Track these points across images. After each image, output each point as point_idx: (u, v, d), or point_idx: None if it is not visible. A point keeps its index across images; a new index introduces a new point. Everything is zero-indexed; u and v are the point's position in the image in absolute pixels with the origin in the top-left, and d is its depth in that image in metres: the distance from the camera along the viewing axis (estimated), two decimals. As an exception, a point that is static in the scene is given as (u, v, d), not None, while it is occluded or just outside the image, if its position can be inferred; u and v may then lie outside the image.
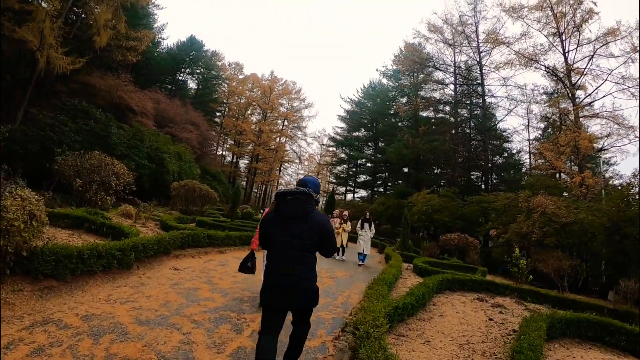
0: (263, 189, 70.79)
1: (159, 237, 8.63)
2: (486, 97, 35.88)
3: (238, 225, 17.58)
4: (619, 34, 27.24)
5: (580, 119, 28.71)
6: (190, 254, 9.95)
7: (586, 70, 28.93)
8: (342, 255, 14.46)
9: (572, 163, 26.73)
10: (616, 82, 27.54)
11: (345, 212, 14.90)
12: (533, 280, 14.19)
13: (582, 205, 20.70)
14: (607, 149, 26.89)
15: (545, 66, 31.04)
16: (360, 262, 14.16)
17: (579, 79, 29.49)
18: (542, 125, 39.91)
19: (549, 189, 22.84)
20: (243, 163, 67.56)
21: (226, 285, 7.63)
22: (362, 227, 14.86)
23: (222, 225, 15.98)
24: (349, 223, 14.69)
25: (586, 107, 29.23)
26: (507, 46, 32.19)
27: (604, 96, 28.96)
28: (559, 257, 16.32)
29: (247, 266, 5.57)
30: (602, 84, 28.39)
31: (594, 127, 29.36)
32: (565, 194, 24.30)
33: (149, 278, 7.25)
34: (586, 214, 18.71)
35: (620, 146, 26.70)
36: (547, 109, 37.00)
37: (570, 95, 29.55)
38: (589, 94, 29.32)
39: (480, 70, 35.90)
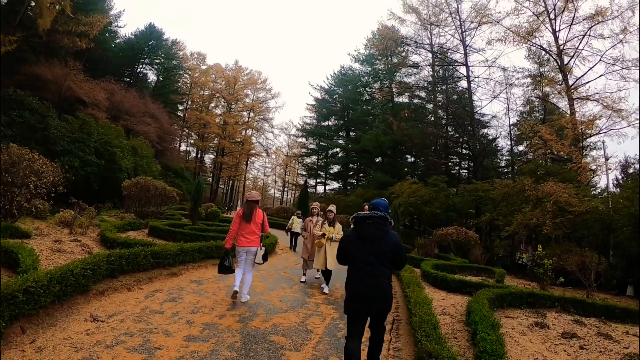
0: (230, 184, 67.55)
1: (65, 269, 5.39)
2: (470, 80, 33.36)
3: (201, 230, 14.58)
4: (609, 14, 25.52)
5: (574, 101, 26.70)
6: (126, 285, 6.77)
7: (577, 50, 27.22)
8: (327, 285, 8.65)
9: (572, 147, 24.55)
10: (612, 63, 25.86)
11: (331, 208, 9.07)
12: (555, 279, 11.76)
13: (587, 192, 18.70)
14: (606, 132, 24.80)
15: (539, 46, 29.06)
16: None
17: (570, 60, 27.65)
18: (527, 109, 38.32)
19: (552, 176, 20.57)
20: (209, 158, 65.21)
21: (175, 345, 4.51)
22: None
23: (179, 231, 12.98)
24: (338, 226, 8.99)
25: (578, 89, 27.20)
26: (497, 22, 29.76)
27: (595, 78, 27.55)
28: (581, 253, 13.97)
29: (224, 266, 6.50)
30: (595, 64, 26.65)
31: (587, 109, 27.44)
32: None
33: (40, 351, 4.06)
34: (598, 202, 17.16)
35: (618, 129, 24.66)
36: (531, 93, 35.43)
37: (562, 76, 27.43)
38: (582, 76, 27.40)
39: (465, 50, 33.43)
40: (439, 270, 11.67)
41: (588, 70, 26.77)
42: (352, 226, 4.10)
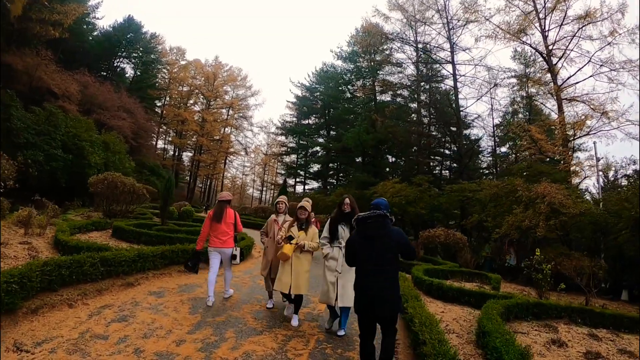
0: (208, 183, 66.03)
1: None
2: (457, 79, 32.64)
3: (170, 231, 13.24)
4: (599, 16, 25.17)
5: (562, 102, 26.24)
6: (68, 300, 5.50)
7: (567, 51, 26.77)
8: (296, 315, 6.02)
9: (562, 148, 23.97)
10: (600, 64, 25.56)
11: (304, 204, 6.25)
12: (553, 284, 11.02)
13: (579, 194, 18.13)
14: (595, 133, 24.24)
15: (528, 44, 28.41)
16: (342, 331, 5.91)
17: (559, 60, 27.25)
18: (511, 110, 38.15)
19: (544, 176, 19.83)
20: (187, 156, 63.59)
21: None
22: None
23: (145, 232, 11.71)
24: (313, 229, 6.09)
25: (566, 90, 26.74)
26: (487, 19, 29.08)
27: (584, 80, 27.19)
28: (580, 257, 13.24)
29: (188, 265, 6.76)
30: (584, 66, 26.23)
31: (575, 111, 26.91)
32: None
33: None
34: (591, 204, 17.01)
35: (608, 130, 24.15)
36: (517, 93, 35.32)
37: (551, 76, 26.91)
38: (570, 76, 27.03)
39: (451, 47, 32.69)
40: (430, 276, 10.76)
41: (577, 71, 26.44)
42: (354, 226, 4.20)
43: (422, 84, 37.72)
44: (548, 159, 26.10)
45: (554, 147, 24.18)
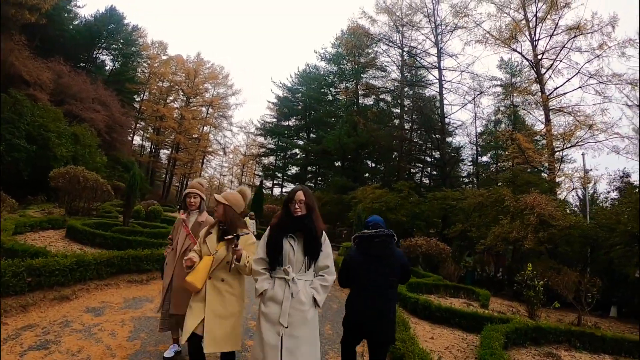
0: (185, 182, 64.31)
1: None
2: (442, 84, 32.10)
3: (130, 232, 11.98)
4: (589, 28, 24.87)
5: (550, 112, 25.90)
6: None
7: (555, 62, 26.48)
8: None
9: (550, 158, 23.50)
10: (589, 76, 25.29)
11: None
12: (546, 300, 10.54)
13: (567, 206, 17.62)
14: (582, 144, 23.77)
15: (518, 52, 27.99)
16: None
17: (547, 71, 27.01)
18: (495, 119, 37.71)
19: (532, 186, 19.24)
20: (164, 154, 62.05)
21: None
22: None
23: (100, 233, 10.42)
24: (249, 230, 3.67)
25: (553, 101, 26.42)
26: (478, 24, 28.59)
27: (571, 91, 26.72)
28: (571, 273, 12.51)
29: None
30: (572, 77, 25.97)
31: (562, 122, 26.57)
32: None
33: None
34: (580, 217, 17.04)
35: (594, 143, 23.79)
36: (502, 102, 34.89)
37: (539, 85, 26.49)
38: (558, 87, 26.87)
39: (438, 52, 32.09)
40: (413, 290, 9.91)
41: (565, 82, 26.15)
42: (353, 246, 3.90)
43: (406, 89, 36.84)
44: (534, 169, 25.61)
45: (541, 157, 23.70)
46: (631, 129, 24.15)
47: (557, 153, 24.42)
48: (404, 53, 35.83)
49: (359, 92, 41.29)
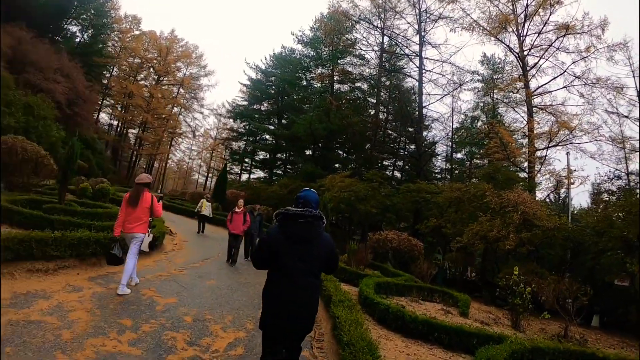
0: (150, 163, 62.04)
1: None
2: (422, 73, 30.74)
3: (61, 212, 10.42)
4: (579, 28, 24.02)
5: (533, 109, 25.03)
6: None
7: (541, 59, 25.63)
8: None
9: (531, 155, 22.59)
10: (574, 77, 24.66)
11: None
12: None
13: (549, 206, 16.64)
14: (565, 144, 22.85)
15: (505, 44, 26.80)
16: None
17: (531, 69, 26.05)
18: (472, 115, 37.34)
19: (511, 183, 18.17)
20: (133, 134, 59.50)
21: None
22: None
23: (17, 210, 8.91)
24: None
25: (536, 99, 25.66)
26: (465, 12, 27.43)
27: (555, 90, 25.87)
28: (558, 280, 11.43)
29: (112, 255, 6.10)
30: (557, 76, 25.20)
31: (541, 120, 25.95)
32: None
33: None
34: (565, 219, 15.62)
35: (579, 144, 23.05)
36: (481, 98, 34.37)
37: (524, 80, 25.44)
38: (543, 85, 26.00)
39: (420, 41, 30.72)
40: (381, 291, 8.58)
41: (551, 80, 25.29)
42: (274, 222, 3.35)
43: (384, 79, 35.34)
44: (513, 167, 24.69)
45: (521, 154, 22.80)
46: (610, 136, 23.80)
47: (538, 152, 23.43)
48: (385, 39, 34.46)
49: (335, 77, 39.61)
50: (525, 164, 24.06)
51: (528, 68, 25.92)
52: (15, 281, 5.58)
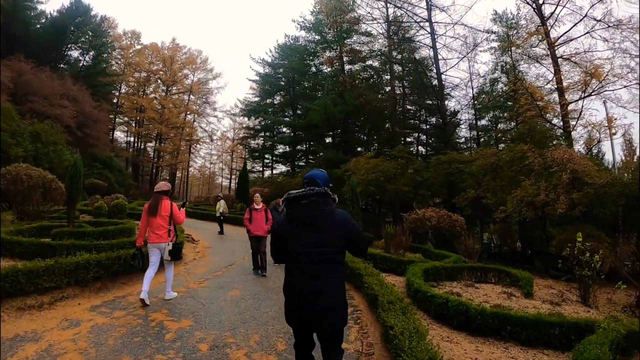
0: (172, 173, 62.01)
1: None
2: (435, 38, 28.96)
3: (68, 236, 9.47)
4: None
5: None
6: None
7: (558, 7, 23.29)
8: None
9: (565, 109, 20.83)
10: (596, 20, 22.19)
11: None
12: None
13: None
14: (601, 92, 20.93)
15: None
16: None
17: (549, 17, 23.78)
18: (489, 78, 34.91)
19: (549, 141, 16.72)
20: (151, 147, 59.84)
21: None
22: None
23: (17, 241, 8.00)
24: None
25: (560, 48, 23.63)
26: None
27: (577, 37, 23.42)
28: (622, 242, 10.05)
29: (133, 267, 6.46)
30: (577, 22, 22.80)
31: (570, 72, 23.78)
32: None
33: None
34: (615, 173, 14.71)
35: (613, 91, 20.95)
36: (499, 58, 32.39)
37: (543, 29, 23.53)
38: (564, 33, 23.69)
39: (428, 5, 28.67)
40: (430, 279, 7.49)
41: (572, 27, 23.05)
42: (283, 209, 3.41)
43: (395, 54, 33.88)
44: (547, 124, 23.00)
45: (553, 108, 21.15)
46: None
47: (572, 104, 21.71)
48: (390, 11, 32.55)
49: (344, 59, 38.33)
50: (555, 120, 22.47)
51: (545, 18, 24.03)
52: (3, 324, 4.69)
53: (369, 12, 32.33)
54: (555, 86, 22.94)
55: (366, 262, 7.96)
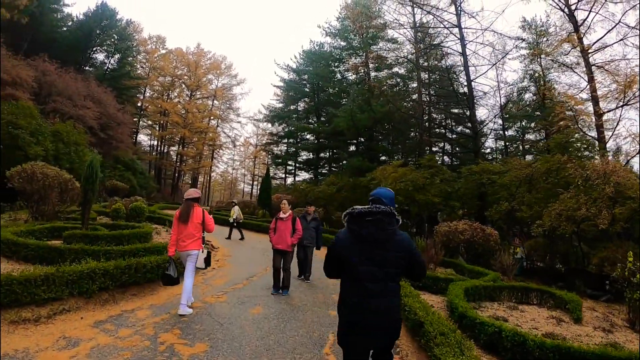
0: (196, 178, 62.94)
1: None
2: (463, 44, 28.03)
3: (85, 237, 9.19)
4: None
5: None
6: None
7: (591, 13, 22.13)
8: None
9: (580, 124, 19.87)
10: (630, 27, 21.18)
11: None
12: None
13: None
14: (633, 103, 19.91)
15: None
16: None
17: (582, 23, 22.63)
18: (516, 88, 34.22)
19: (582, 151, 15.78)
20: (174, 151, 60.44)
21: None
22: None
23: (23, 242, 7.59)
24: None
25: (593, 55, 22.54)
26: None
27: (611, 44, 22.36)
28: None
29: (167, 275, 5.94)
30: (611, 29, 21.63)
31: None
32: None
33: None
34: None
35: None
36: (528, 66, 31.51)
37: (577, 36, 22.45)
38: (597, 40, 22.46)
39: (457, 10, 27.80)
40: (469, 299, 6.76)
41: (605, 34, 21.93)
42: (345, 224, 2.94)
43: (422, 61, 33.15)
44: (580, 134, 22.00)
45: (587, 115, 20.08)
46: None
47: (609, 113, 20.61)
48: (417, 18, 31.83)
49: (370, 65, 37.80)
50: (586, 131, 21.38)
51: (578, 24, 23.06)
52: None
53: (395, 19, 31.59)
54: (587, 95, 22.02)
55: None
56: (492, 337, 5.00)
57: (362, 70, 38.43)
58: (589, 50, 22.04)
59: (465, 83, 27.68)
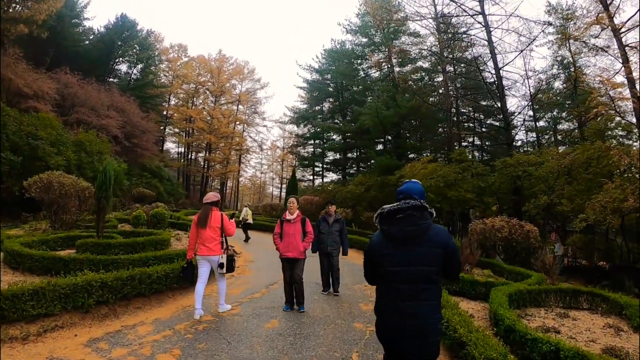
0: (225, 183, 63.46)
1: None
2: (488, 30, 26.83)
3: (97, 246, 9.10)
4: None
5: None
6: None
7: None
8: None
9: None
10: None
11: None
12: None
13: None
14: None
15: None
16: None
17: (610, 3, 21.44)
18: (545, 76, 32.55)
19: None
20: (201, 157, 61.60)
21: None
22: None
23: (28, 253, 7.29)
24: None
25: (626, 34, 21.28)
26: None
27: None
28: None
29: (185, 269, 6.23)
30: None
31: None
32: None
33: None
34: None
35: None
36: (557, 53, 30.62)
37: (606, 15, 21.25)
38: (628, 19, 21.07)
39: None
40: (514, 304, 5.98)
41: (636, 13, 20.28)
42: (377, 226, 2.78)
43: (446, 54, 32.09)
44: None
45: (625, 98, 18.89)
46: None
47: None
48: (438, 7, 30.77)
49: (393, 60, 37.16)
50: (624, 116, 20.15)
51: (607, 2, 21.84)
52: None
53: (416, 11, 30.76)
54: (623, 78, 20.75)
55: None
56: (547, 358, 4.14)
57: (386, 66, 37.94)
58: (621, 30, 20.84)
59: (494, 71, 26.59)
